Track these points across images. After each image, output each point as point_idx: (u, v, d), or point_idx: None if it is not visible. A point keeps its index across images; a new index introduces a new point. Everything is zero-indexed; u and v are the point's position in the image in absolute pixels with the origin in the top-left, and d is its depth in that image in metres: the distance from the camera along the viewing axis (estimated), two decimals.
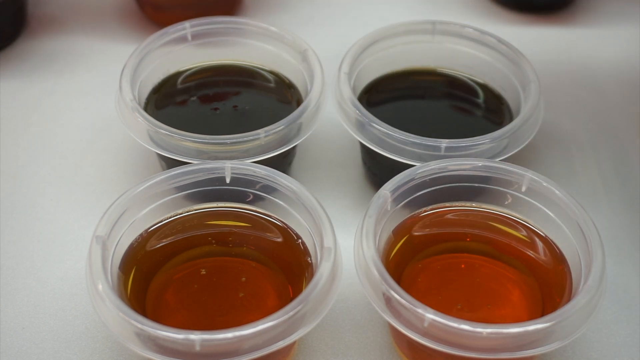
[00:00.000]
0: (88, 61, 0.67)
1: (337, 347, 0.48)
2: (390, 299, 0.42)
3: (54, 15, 0.72)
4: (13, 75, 0.66)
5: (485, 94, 0.59)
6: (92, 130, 0.61)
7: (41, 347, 0.48)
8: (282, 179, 0.48)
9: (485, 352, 0.41)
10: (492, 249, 0.49)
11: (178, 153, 0.51)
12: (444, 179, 0.49)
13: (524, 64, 0.56)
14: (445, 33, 0.59)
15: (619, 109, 0.65)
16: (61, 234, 0.54)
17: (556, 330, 0.41)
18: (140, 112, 0.52)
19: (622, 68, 0.69)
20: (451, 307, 0.46)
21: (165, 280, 0.47)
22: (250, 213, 0.49)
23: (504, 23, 0.73)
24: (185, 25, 0.58)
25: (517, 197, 0.49)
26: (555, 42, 0.71)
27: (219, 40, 0.59)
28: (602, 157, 0.61)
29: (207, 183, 0.49)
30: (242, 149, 0.51)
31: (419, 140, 0.51)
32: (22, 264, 0.52)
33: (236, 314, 0.46)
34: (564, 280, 0.47)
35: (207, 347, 0.40)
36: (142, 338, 0.41)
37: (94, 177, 0.58)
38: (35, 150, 0.60)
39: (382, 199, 0.47)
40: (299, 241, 0.48)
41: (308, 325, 0.42)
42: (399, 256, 0.48)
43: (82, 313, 0.50)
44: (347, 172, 0.59)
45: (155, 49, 0.57)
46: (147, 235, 0.48)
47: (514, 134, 0.52)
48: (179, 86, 0.59)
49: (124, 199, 0.46)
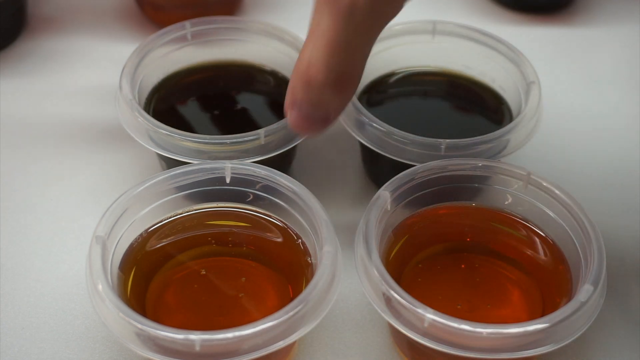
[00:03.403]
0: (88, 61, 0.67)
1: (337, 347, 0.48)
2: (390, 299, 0.42)
3: (54, 15, 0.72)
4: (13, 75, 0.66)
5: (485, 94, 0.59)
6: (92, 130, 0.61)
7: (41, 347, 0.48)
8: (282, 179, 0.48)
9: (485, 352, 0.41)
10: (492, 248, 0.49)
11: (178, 153, 0.51)
12: (444, 179, 0.49)
13: (524, 64, 0.56)
14: (445, 33, 0.59)
15: (619, 108, 0.65)
16: (61, 234, 0.54)
17: (556, 330, 0.41)
18: (140, 112, 0.52)
19: (622, 68, 0.69)
20: (451, 307, 0.46)
21: (165, 280, 0.47)
22: (250, 213, 0.49)
23: (504, 23, 0.73)
24: (185, 25, 0.58)
25: (517, 197, 0.49)
26: (555, 42, 0.71)
27: (219, 39, 0.59)
28: (602, 157, 0.61)
29: (207, 183, 0.49)
30: (242, 149, 0.51)
31: (419, 140, 0.51)
32: (22, 264, 0.52)
33: (236, 314, 0.46)
34: (564, 280, 0.47)
35: (207, 347, 0.40)
36: (142, 338, 0.41)
37: (94, 177, 0.58)
38: (35, 150, 0.60)
39: (382, 199, 0.47)
40: (299, 241, 0.48)
41: (308, 325, 0.42)
42: (399, 256, 0.48)
43: (82, 313, 0.50)
44: (347, 172, 0.59)
45: (155, 48, 0.57)
46: (147, 235, 0.48)
47: (514, 134, 0.52)
48: (179, 86, 0.59)
49: (124, 199, 0.46)
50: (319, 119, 0.43)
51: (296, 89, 0.42)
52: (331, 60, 0.40)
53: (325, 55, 0.40)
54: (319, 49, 0.40)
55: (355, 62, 0.42)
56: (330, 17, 0.40)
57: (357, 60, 0.42)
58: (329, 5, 0.40)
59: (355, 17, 0.39)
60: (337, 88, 0.42)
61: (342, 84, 0.42)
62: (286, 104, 0.43)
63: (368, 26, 0.40)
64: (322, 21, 0.40)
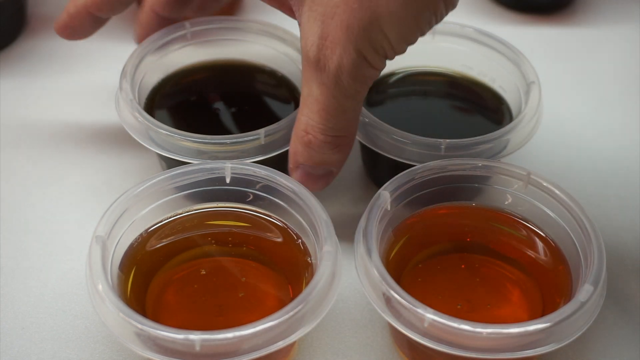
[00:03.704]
0: (88, 61, 0.67)
1: (337, 347, 0.48)
2: (390, 299, 0.42)
3: (54, 15, 0.71)
4: (13, 75, 0.66)
5: (485, 94, 0.59)
6: (92, 130, 0.61)
7: (41, 347, 0.48)
8: (282, 179, 0.48)
9: (485, 352, 0.41)
10: (492, 248, 0.49)
11: (178, 153, 0.51)
12: (444, 179, 0.49)
13: (524, 64, 0.56)
14: (445, 33, 0.59)
15: (619, 108, 0.65)
16: (61, 234, 0.54)
17: (556, 330, 0.41)
18: (140, 112, 0.52)
19: (622, 68, 0.69)
20: (451, 307, 0.46)
21: (165, 280, 0.47)
22: (250, 213, 0.49)
23: (504, 23, 0.73)
24: (184, 25, 0.58)
25: (517, 197, 0.49)
26: (555, 42, 0.71)
27: (219, 39, 0.59)
28: (602, 157, 0.61)
29: (207, 183, 0.49)
30: (242, 149, 0.51)
31: (419, 140, 0.51)
32: (22, 264, 0.52)
33: (236, 314, 0.46)
34: (564, 280, 0.47)
35: (207, 347, 0.40)
36: (142, 338, 0.41)
37: (94, 177, 0.58)
38: (35, 150, 0.60)
39: (382, 199, 0.47)
40: (299, 241, 0.48)
41: (308, 325, 0.42)
42: (399, 256, 0.48)
43: (82, 313, 0.50)
44: (347, 172, 0.59)
45: (155, 48, 0.57)
46: (147, 235, 0.48)
47: (514, 134, 0.52)
48: (179, 86, 0.59)
49: (124, 199, 0.46)
50: (323, 175, 0.48)
51: (298, 152, 0.47)
52: (327, 123, 0.46)
53: (321, 119, 0.45)
54: (314, 113, 0.45)
55: (349, 121, 0.47)
56: (319, 87, 0.45)
57: (351, 120, 0.47)
58: (316, 77, 0.45)
59: (341, 84, 0.44)
60: (336, 146, 0.47)
61: (340, 142, 0.47)
62: (290, 167, 0.48)
63: (354, 90, 0.45)
64: (312, 91, 0.45)
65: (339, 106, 0.45)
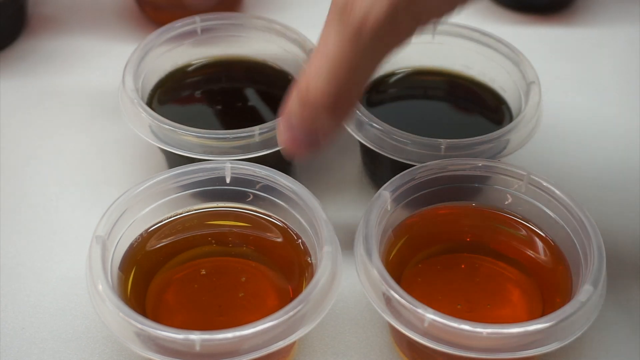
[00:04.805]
0: (88, 61, 0.67)
1: (337, 347, 0.48)
2: (390, 299, 0.42)
3: (54, 15, 0.72)
4: (13, 75, 0.66)
5: (485, 94, 0.59)
6: (92, 130, 0.61)
7: (41, 347, 0.48)
8: (282, 179, 0.48)
9: (485, 352, 0.41)
10: (492, 249, 0.49)
11: (180, 147, 0.51)
12: (444, 179, 0.49)
13: (524, 64, 0.56)
14: (445, 33, 0.59)
15: (619, 108, 0.65)
16: (61, 234, 0.54)
17: (556, 330, 0.41)
18: (143, 106, 0.52)
19: (622, 68, 0.69)
20: (451, 307, 0.46)
21: (165, 280, 0.47)
22: (250, 213, 0.49)
23: (504, 23, 0.73)
24: (194, 20, 0.58)
25: (517, 197, 0.49)
26: (555, 42, 0.71)
27: (223, 35, 0.59)
28: (602, 157, 0.61)
29: (207, 183, 0.49)
30: (238, 144, 0.50)
31: (419, 140, 0.51)
32: (22, 264, 0.52)
33: (236, 314, 0.46)
34: (564, 280, 0.47)
35: (207, 347, 0.40)
36: (142, 338, 0.41)
37: (94, 176, 0.58)
38: (35, 150, 0.60)
39: (382, 199, 0.47)
40: (299, 241, 0.48)
41: (308, 325, 0.42)
42: (399, 256, 0.48)
43: (82, 313, 0.50)
44: (347, 172, 0.59)
45: (159, 44, 0.57)
46: (147, 235, 0.48)
47: (514, 134, 0.52)
48: (183, 81, 0.59)
49: (124, 199, 0.46)
50: (307, 140, 0.43)
51: (293, 103, 0.42)
52: (332, 82, 0.41)
53: (327, 76, 0.41)
54: (322, 67, 0.41)
55: (354, 87, 0.42)
56: (337, 35, 0.40)
57: (356, 86, 0.42)
58: (339, 20, 0.40)
59: (362, 38, 0.40)
60: (332, 111, 0.42)
61: (337, 108, 0.42)
62: (280, 115, 0.43)
63: (372, 51, 0.40)
64: (329, 38, 0.40)
65: (351, 64, 0.40)
